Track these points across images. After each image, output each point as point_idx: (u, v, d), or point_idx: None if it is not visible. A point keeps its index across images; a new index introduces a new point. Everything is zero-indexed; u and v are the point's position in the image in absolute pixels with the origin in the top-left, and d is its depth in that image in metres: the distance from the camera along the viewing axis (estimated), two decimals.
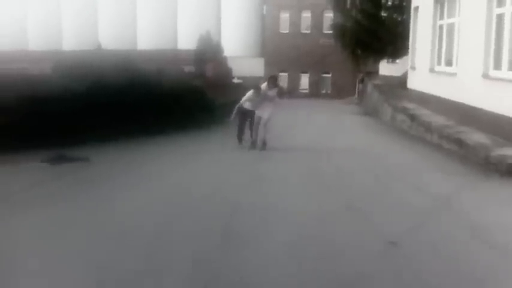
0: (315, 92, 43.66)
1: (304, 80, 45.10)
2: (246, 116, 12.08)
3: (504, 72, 10.98)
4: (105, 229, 5.93)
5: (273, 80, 12.34)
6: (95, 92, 12.11)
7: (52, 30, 49.28)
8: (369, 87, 26.65)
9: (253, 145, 11.96)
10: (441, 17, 15.63)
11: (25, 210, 6.71)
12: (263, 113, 11.90)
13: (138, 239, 5.56)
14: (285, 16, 45.41)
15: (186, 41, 40.31)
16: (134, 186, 8.09)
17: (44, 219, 6.34)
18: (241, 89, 27.16)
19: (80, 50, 29.74)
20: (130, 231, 5.83)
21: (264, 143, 11.88)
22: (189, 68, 22.17)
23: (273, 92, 12.00)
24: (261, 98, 11.85)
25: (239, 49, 42.47)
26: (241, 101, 11.95)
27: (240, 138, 12.24)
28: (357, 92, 38.54)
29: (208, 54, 25.96)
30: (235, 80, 30.96)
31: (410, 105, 16.59)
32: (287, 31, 45.39)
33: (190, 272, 4.66)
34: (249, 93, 12.00)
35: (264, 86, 12.07)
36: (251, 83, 12.73)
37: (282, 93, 12.85)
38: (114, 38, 43.13)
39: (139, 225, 6.05)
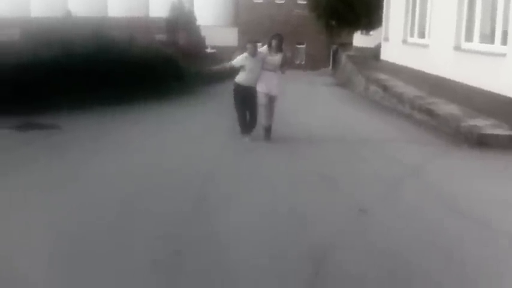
0: (288, 63, 43.49)
1: None
2: (245, 95, 8.99)
3: (475, 44, 11.05)
4: (74, 197, 5.86)
5: (278, 42, 8.96)
6: (64, 59, 11.83)
7: None
8: (343, 58, 26.66)
9: (267, 133, 9.15)
10: None
11: None
12: (267, 87, 8.93)
13: (107, 208, 5.50)
14: None
15: (158, 8, 39.64)
16: (103, 154, 7.99)
17: (13, 184, 6.26)
18: (215, 58, 27.04)
19: (48, 17, 29.00)
20: (99, 200, 5.77)
21: (268, 130, 9.17)
22: (160, 37, 21.86)
23: (276, 59, 8.98)
24: (258, 64, 8.89)
25: (212, 18, 42.02)
26: (233, 62, 9.08)
27: (244, 127, 9.20)
28: (331, 63, 38.54)
29: (181, 22, 25.59)
30: (209, 50, 30.67)
31: (383, 77, 16.65)
32: (261, 1, 45.00)
33: (159, 242, 4.64)
34: (240, 58, 9.01)
35: (263, 49, 9.09)
36: (224, 52, 12.36)
37: (285, 63, 9.30)
38: (84, 5, 42.17)
39: (107, 193, 5.98)
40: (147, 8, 44.65)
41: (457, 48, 11.58)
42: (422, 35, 14.71)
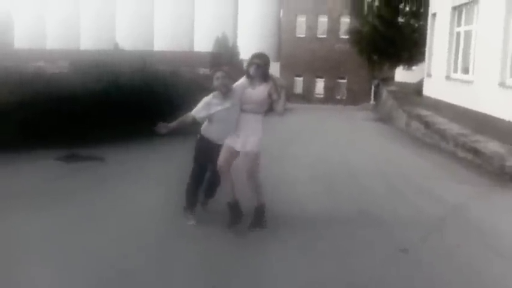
0: (329, 97, 43.62)
1: (320, 85, 45.07)
2: (207, 153, 5.97)
3: None
4: (117, 227, 5.99)
5: (260, 67, 5.75)
6: (111, 91, 12.16)
7: (70, 30, 49.83)
8: (384, 93, 26.56)
9: (234, 215, 5.85)
10: (458, 24, 15.56)
11: (40, 206, 6.77)
12: (239, 138, 5.79)
13: (147, 237, 5.61)
14: (301, 20, 45.51)
15: (203, 43, 40.54)
16: (147, 186, 8.12)
17: (58, 215, 6.42)
18: None
19: (97, 50, 29.96)
20: (141, 230, 5.89)
21: (260, 210, 5.98)
22: (204, 70, 22.25)
23: (258, 93, 5.77)
24: (235, 108, 5.81)
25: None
26: (193, 113, 5.98)
27: (192, 198, 6.21)
28: (372, 98, 38.40)
29: (224, 56, 26.06)
30: None
31: (425, 113, 16.51)
32: (303, 35, 45.45)
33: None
34: (204, 102, 5.96)
35: (241, 81, 5.93)
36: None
37: (278, 97, 5.77)
38: (131, 39, 43.50)
39: (151, 224, 6.09)
40: (191, 43, 45.70)
41: (502, 84, 11.41)
42: (466, 70, 14.57)
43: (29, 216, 6.29)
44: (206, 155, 5.99)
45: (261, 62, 5.74)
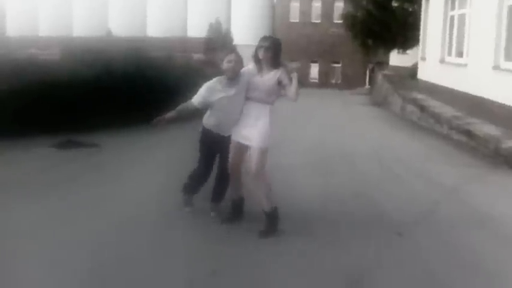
0: (324, 82, 43.57)
1: (314, 70, 45.01)
2: (217, 149, 5.54)
3: None
4: (113, 214, 5.96)
5: (270, 51, 5.22)
6: (104, 78, 12.08)
7: (62, 16, 49.37)
8: (379, 77, 26.56)
9: (235, 211, 5.62)
10: (452, 8, 15.53)
11: (35, 194, 6.72)
12: (245, 132, 5.30)
13: (144, 224, 5.59)
14: (295, 5, 45.40)
15: (196, 29, 40.33)
16: (143, 172, 8.09)
17: (54, 202, 6.36)
18: None
19: (89, 37, 29.76)
20: (137, 216, 5.86)
21: (272, 215, 5.27)
22: (198, 56, 22.21)
23: (269, 80, 5.26)
24: (240, 96, 5.30)
25: (249, 38, 42.34)
26: (193, 100, 5.42)
27: (193, 185, 5.84)
28: (367, 82, 38.40)
29: (218, 42, 25.96)
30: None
31: (420, 96, 16.52)
32: (297, 20, 45.33)
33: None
34: (206, 87, 5.40)
35: (249, 68, 5.39)
36: None
37: (290, 81, 5.23)
38: (124, 25, 43.20)
39: (146, 211, 6.06)
40: (185, 28, 45.43)
41: (496, 67, 11.42)
42: (460, 54, 14.57)
43: (23, 204, 6.24)
44: (211, 148, 5.52)
45: (270, 45, 5.22)
